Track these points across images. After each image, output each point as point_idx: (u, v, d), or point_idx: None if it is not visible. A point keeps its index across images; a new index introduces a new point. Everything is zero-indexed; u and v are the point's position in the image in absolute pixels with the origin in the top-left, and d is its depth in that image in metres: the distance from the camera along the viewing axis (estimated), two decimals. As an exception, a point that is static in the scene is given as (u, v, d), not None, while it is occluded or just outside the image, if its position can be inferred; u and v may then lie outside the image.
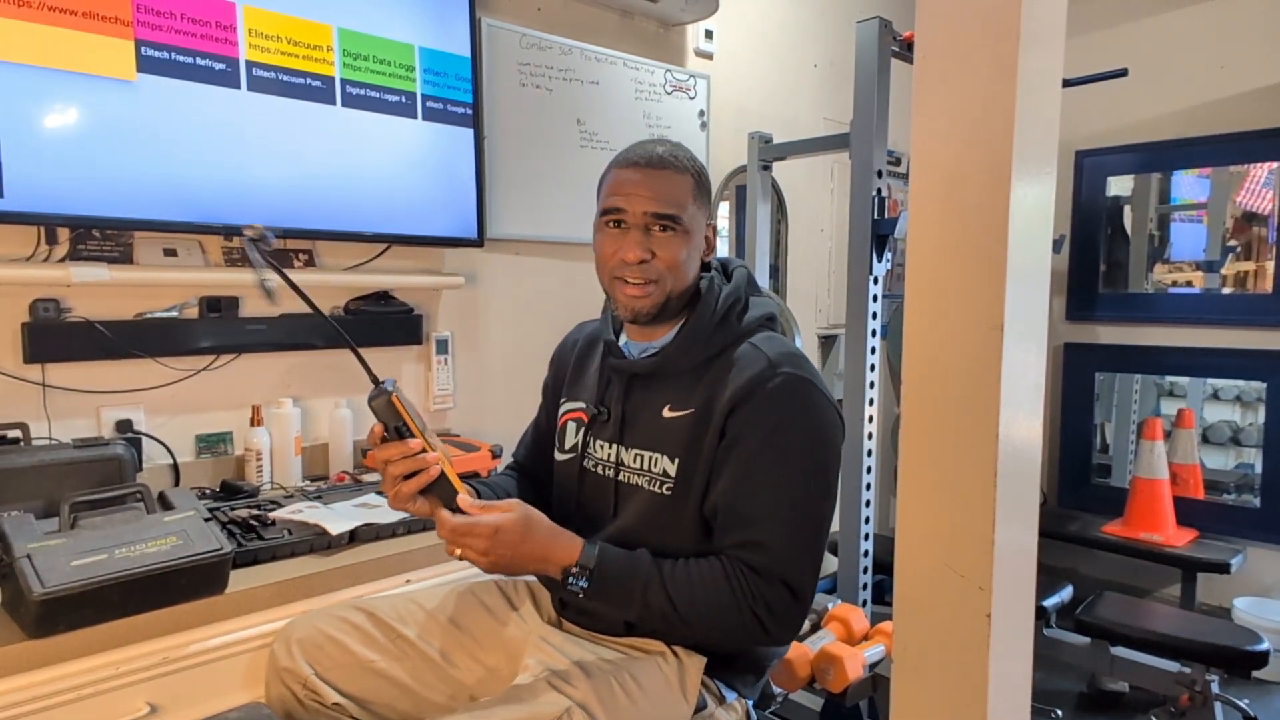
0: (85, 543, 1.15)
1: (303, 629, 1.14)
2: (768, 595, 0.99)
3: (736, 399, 1.04)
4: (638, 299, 1.09)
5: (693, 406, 1.08)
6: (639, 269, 1.07)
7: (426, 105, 1.91)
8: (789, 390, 1.03)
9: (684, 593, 0.99)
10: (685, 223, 1.08)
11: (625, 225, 1.08)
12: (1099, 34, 3.30)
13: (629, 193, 1.07)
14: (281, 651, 1.13)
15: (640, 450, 1.11)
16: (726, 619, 0.99)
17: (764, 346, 1.07)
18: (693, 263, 1.11)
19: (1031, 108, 0.69)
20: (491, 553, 0.98)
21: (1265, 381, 3.01)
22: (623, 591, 1.00)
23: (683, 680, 1.06)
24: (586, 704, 0.96)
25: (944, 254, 0.74)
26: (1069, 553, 3.27)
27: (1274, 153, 2.96)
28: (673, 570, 1.01)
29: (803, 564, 1.01)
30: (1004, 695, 0.73)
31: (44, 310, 1.50)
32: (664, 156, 1.09)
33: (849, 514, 2.20)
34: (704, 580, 1.00)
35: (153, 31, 1.51)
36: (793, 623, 1.02)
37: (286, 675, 1.11)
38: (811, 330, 3.14)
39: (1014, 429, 0.71)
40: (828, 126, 3.09)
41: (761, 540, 1.00)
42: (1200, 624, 2.17)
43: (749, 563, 1.00)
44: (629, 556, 1.02)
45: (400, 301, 1.97)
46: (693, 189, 1.10)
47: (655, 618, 1.00)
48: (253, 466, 1.72)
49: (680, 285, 1.10)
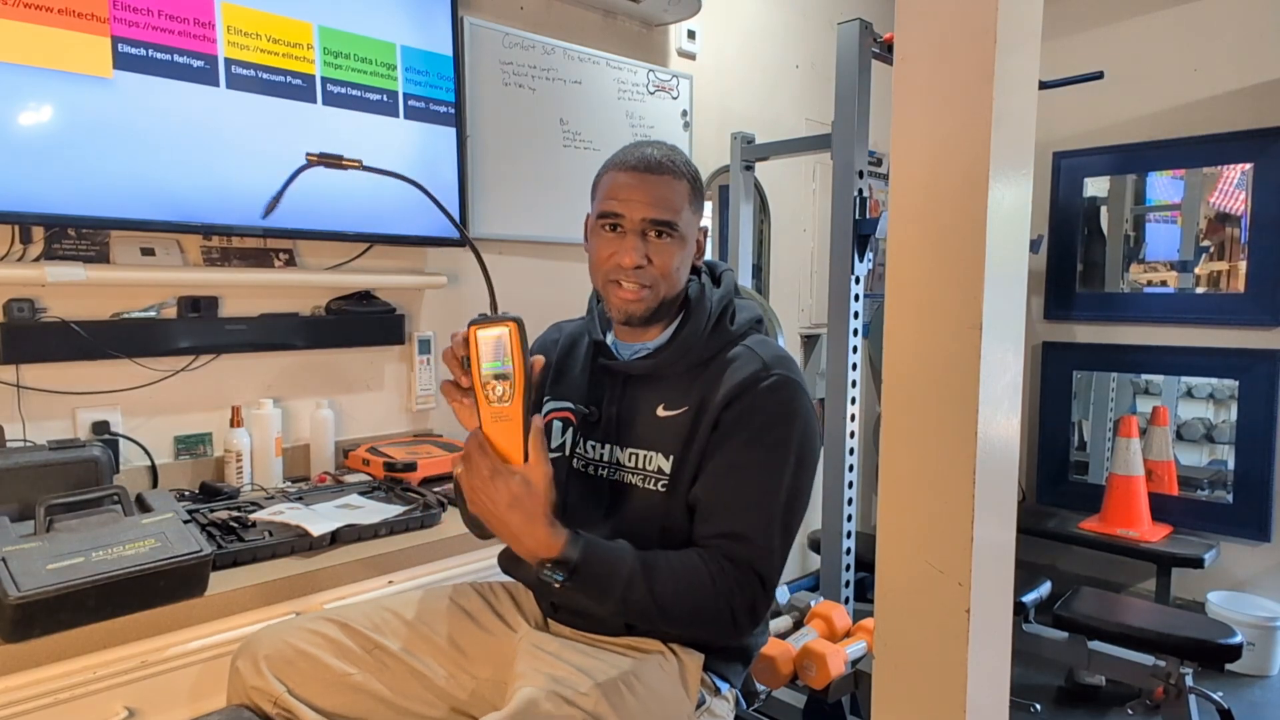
0: (61, 546, 1.13)
1: (269, 644, 1.08)
2: (744, 587, 1.00)
3: (731, 395, 1.06)
4: (632, 302, 1.09)
5: (687, 405, 1.09)
6: (635, 274, 1.08)
7: (408, 104, 1.90)
8: (781, 391, 1.06)
9: (666, 586, 0.99)
10: (681, 229, 1.09)
11: (622, 230, 1.08)
12: (1075, 37, 3.34)
13: (627, 197, 1.08)
14: (248, 668, 1.06)
15: (636, 449, 1.12)
16: (704, 612, 1.00)
17: (758, 349, 1.10)
18: (685, 268, 1.13)
19: (1009, 109, 0.70)
20: (479, 493, 0.94)
21: (1237, 379, 3.06)
22: (603, 586, 0.97)
23: (684, 678, 1.06)
24: (599, 713, 0.95)
25: (923, 254, 0.74)
26: (1047, 549, 3.31)
27: (1246, 154, 3.01)
28: (654, 564, 1.00)
29: (776, 559, 1.03)
30: (983, 689, 0.74)
31: (18, 310, 1.48)
32: (662, 161, 1.09)
33: (831, 512, 2.22)
34: (685, 574, 1.00)
35: (129, 28, 1.49)
36: (760, 616, 1.03)
37: (256, 694, 1.05)
38: (794, 330, 3.15)
39: (992, 427, 0.72)
40: (810, 127, 3.11)
41: (744, 532, 1.01)
42: (1175, 618, 2.20)
43: (729, 554, 1.01)
44: (612, 550, 1.00)
45: (382, 301, 1.96)
46: (689, 194, 1.11)
47: (633, 612, 0.99)
48: (233, 468, 1.70)
49: (673, 290, 1.11)
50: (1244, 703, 2.54)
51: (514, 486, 0.93)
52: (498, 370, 0.93)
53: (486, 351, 0.92)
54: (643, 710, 0.99)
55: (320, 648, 1.09)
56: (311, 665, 1.07)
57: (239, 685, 1.08)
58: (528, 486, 0.94)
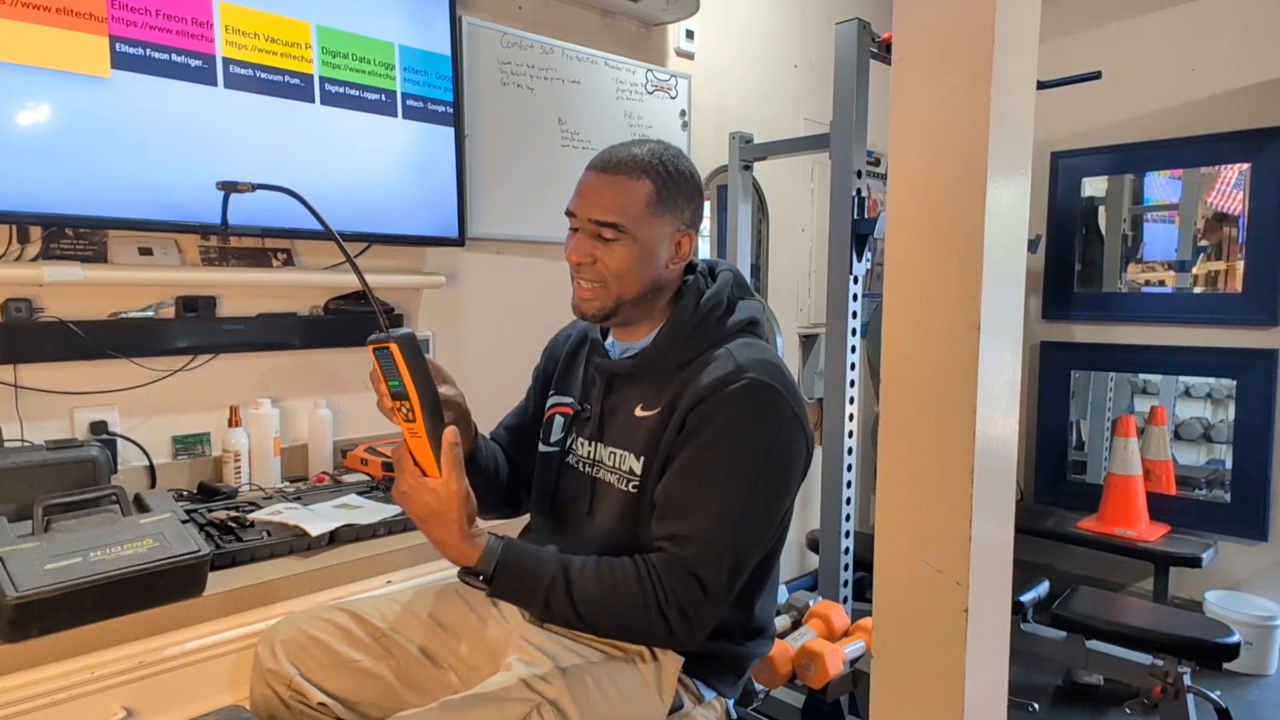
0: (59, 546, 1.13)
1: (286, 630, 1.14)
2: (679, 593, 0.98)
3: (699, 396, 1.04)
4: (585, 300, 1.11)
5: (661, 406, 1.09)
6: (580, 270, 1.10)
7: (407, 104, 1.90)
8: (749, 395, 1.03)
9: (589, 595, 0.99)
10: (630, 230, 1.07)
11: (575, 228, 1.11)
12: (1072, 37, 3.35)
13: (580, 195, 1.10)
14: (265, 653, 1.13)
15: (614, 449, 1.13)
16: (630, 617, 1.00)
17: (737, 352, 1.08)
18: (647, 271, 1.09)
19: (1007, 109, 0.70)
20: (403, 504, 0.99)
21: (1235, 379, 3.07)
22: (522, 593, 1.01)
23: (659, 680, 1.06)
24: (559, 701, 0.97)
25: (922, 254, 0.74)
26: (1045, 548, 3.31)
27: (1243, 154, 3.01)
28: (581, 572, 1.01)
29: (720, 564, 1.00)
30: (981, 688, 0.75)
31: (16, 310, 1.48)
32: (624, 161, 1.08)
33: (830, 511, 2.22)
34: (613, 583, 1.00)
35: (127, 28, 1.49)
36: (700, 625, 1.00)
37: (271, 676, 1.11)
38: (792, 329, 3.15)
39: (990, 426, 0.73)
40: (808, 127, 3.11)
41: (686, 533, 1.00)
42: (1173, 617, 2.21)
43: (669, 557, 1.00)
44: (535, 558, 1.01)
45: (381, 301, 1.96)
46: (649, 196, 1.08)
47: (558, 617, 1.01)
48: (231, 468, 1.70)
49: (630, 292, 1.10)
50: (1242, 702, 2.55)
51: (429, 500, 0.96)
52: (395, 389, 0.94)
53: (387, 371, 0.93)
54: (606, 705, 1.00)
55: (332, 635, 1.14)
56: (323, 651, 1.13)
57: (258, 668, 1.14)
58: (440, 500, 0.96)
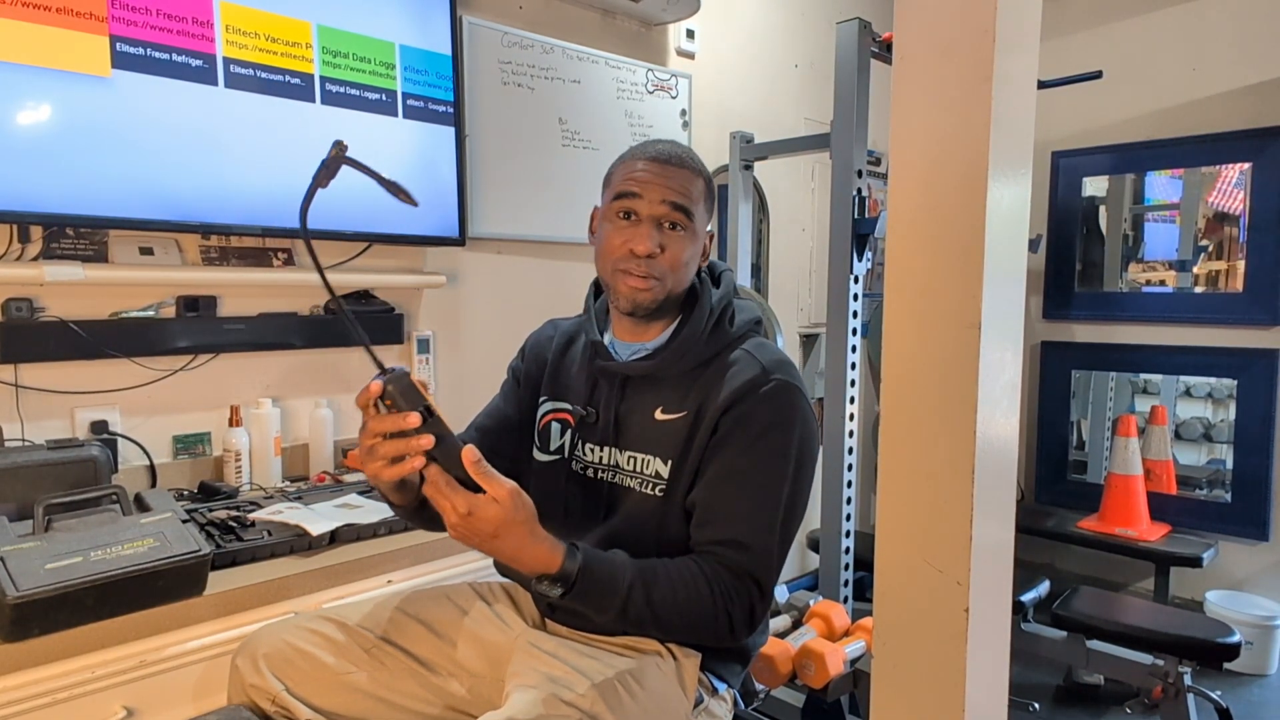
0: (60, 545, 1.13)
1: (267, 643, 1.08)
2: (741, 594, 1.00)
3: (731, 400, 1.05)
4: (641, 291, 1.08)
5: (686, 409, 1.08)
6: (646, 263, 1.07)
7: (407, 103, 1.90)
8: (780, 397, 1.05)
9: (664, 597, 0.98)
10: (695, 223, 1.10)
11: (637, 217, 1.08)
12: (1074, 37, 3.35)
13: (646, 182, 1.07)
14: (247, 667, 1.06)
15: (634, 453, 1.11)
16: (701, 620, 0.99)
17: (757, 353, 1.09)
18: (694, 265, 1.13)
19: (1008, 109, 0.70)
20: (460, 527, 0.89)
21: (1236, 379, 3.07)
22: (602, 598, 0.96)
23: (681, 678, 1.06)
24: (595, 712, 0.94)
25: (922, 253, 0.74)
26: (1046, 548, 3.31)
27: (1244, 154, 3.01)
28: (653, 574, 0.99)
29: (774, 565, 1.03)
30: (982, 688, 0.75)
31: (16, 310, 1.48)
32: (682, 156, 1.11)
33: (830, 511, 2.22)
34: (683, 583, 0.99)
35: (128, 27, 1.49)
36: (757, 621, 1.03)
37: (254, 691, 1.05)
38: (793, 329, 3.15)
39: (991, 426, 0.72)
40: (808, 126, 3.11)
41: (742, 539, 1.01)
42: (1173, 617, 2.20)
43: (727, 561, 1.00)
44: (610, 563, 0.98)
45: (381, 301, 1.96)
46: (704, 192, 1.12)
47: (631, 622, 0.98)
48: (231, 467, 1.70)
49: (679, 285, 1.11)
50: (1242, 702, 2.55)
51: (494, 512, 0.88)
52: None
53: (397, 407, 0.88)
54: (640, 711, 0.98)
55: (318, 646, 1.08)
56: (309, 664, 1.07)
57: (238, 683, 1.08)
58: (506, 509, 0.88)
